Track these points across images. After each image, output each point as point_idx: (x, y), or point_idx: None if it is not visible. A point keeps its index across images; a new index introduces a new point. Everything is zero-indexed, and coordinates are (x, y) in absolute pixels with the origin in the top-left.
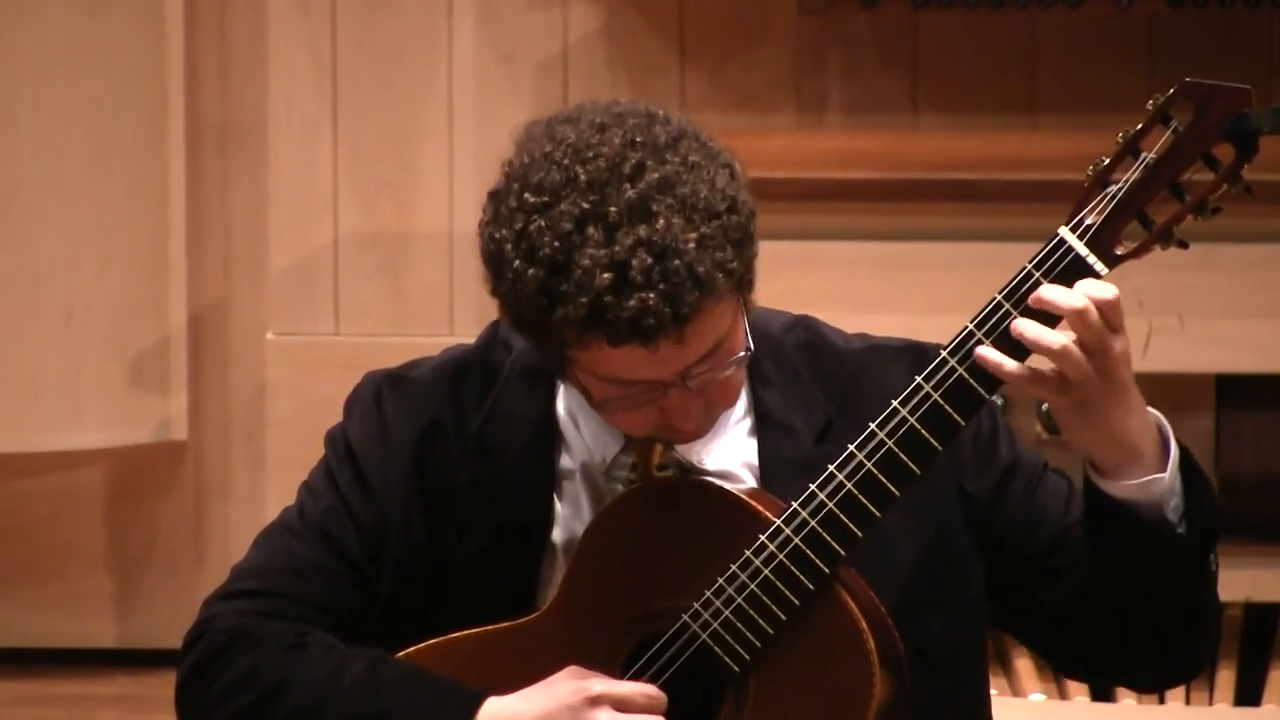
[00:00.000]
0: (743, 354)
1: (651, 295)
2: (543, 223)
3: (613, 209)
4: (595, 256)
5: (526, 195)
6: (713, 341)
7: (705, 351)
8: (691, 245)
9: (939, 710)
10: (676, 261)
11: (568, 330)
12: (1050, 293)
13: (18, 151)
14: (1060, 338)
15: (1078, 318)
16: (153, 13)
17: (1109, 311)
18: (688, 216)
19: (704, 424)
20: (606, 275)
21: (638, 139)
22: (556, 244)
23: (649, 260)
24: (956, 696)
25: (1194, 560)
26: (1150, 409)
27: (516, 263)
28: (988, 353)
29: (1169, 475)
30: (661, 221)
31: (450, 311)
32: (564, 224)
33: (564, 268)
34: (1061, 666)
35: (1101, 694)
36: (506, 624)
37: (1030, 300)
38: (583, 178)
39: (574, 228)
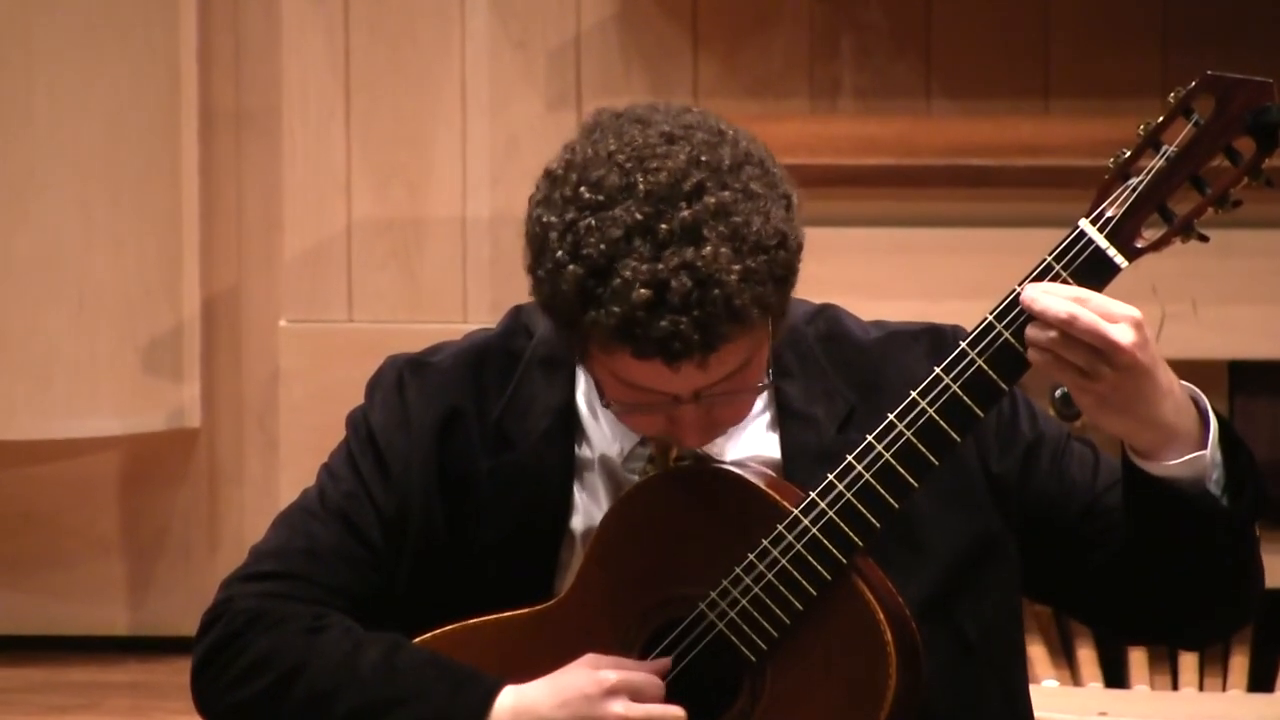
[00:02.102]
0: (761, 384)
1: (684, 319)
2: (593, 222)
3: (664, 226)
4: (637, 270)
5: (583, 190)
6: (735, 366)
7: (727, 373)
8: (734, 277)
9: (980, 694)
10: (716, 291)
11: (595, 331)
12: (1033, 332)
13: (32, 138)
14: (1068, 305)
15: (1071, 325)
16: None
17: (1094, 307)
18: (736, 247)
19: (707, 438)
20: (645, 291)
21: (703, 158)
22: (603, 247)
23: (689, 284)
24: (996, 679)
25: (1238, 531)
26: (1184, 383)
27: (559, 253)
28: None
29: (1210, 451)
30: (709, 248)
31: (464, 298)
32: (614, 230)
33: (605, 272)
34: (1103, 629)
35: (1114, 680)
36: (524, 610)
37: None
38: (642, 187)
39: (623, 235)
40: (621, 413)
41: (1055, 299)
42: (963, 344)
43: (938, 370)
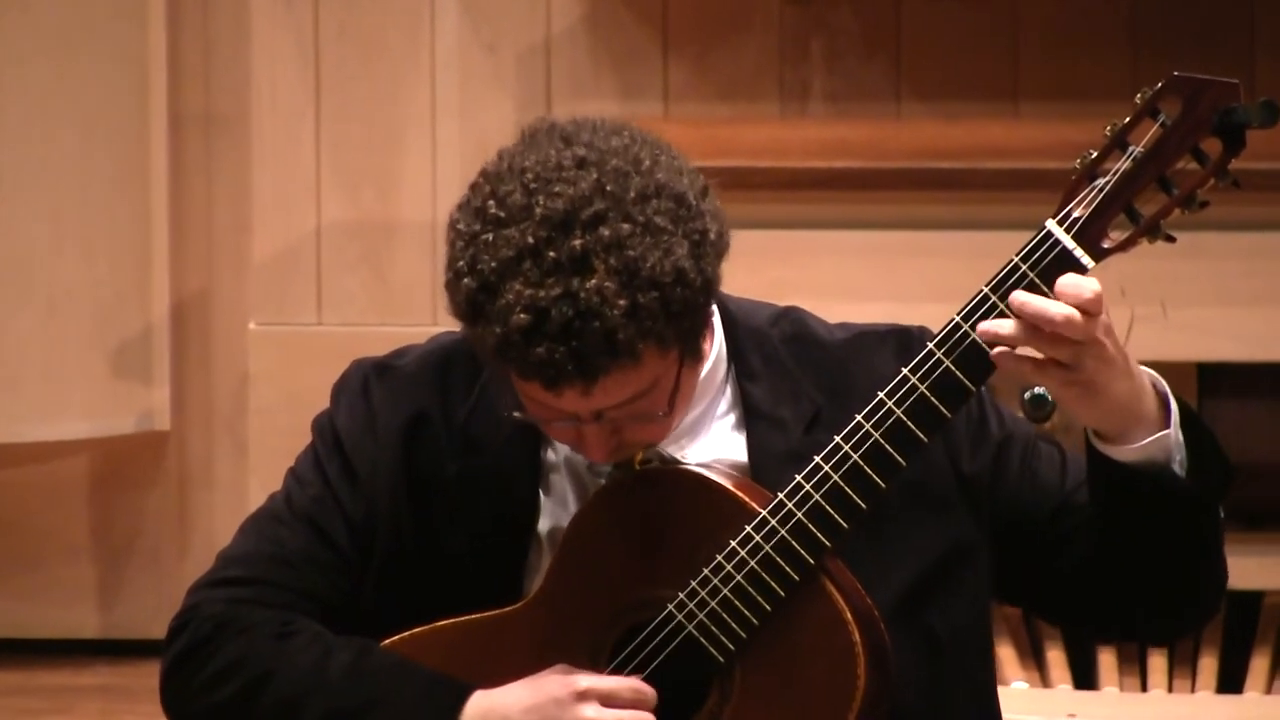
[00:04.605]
0: (660, 412)
1: (560, 349)
2: (491, 238)
3: (552, 253)
4: (520, 294)
5: (490, 204)
6: (629, 395)
7: (619, 401)
8: (617, 313)
9: (949, 694)
10: (596, 323)
11: (483, 347)
12: (1036, 304)
13: (1, 141)
14: (1063, 308)
15: (1066, 326)
16: (136, 2)
17: (1092, 308)
18: (625, 282)
19: (616, 454)
20: (524, 316)
21: (608, 187)
22: (494, 265)
23: (569, 314)
24: (965, 680)
25: (1206, 510)
26: (1143, 367)
27: (460, 263)
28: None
29: (1173, 431)
30: (594, 280)
31: (433, 301)
32: (506, 250)
33: (493, 290)
34: (1073, 627)
35: (1083, 681)
36: (492, 613)
37: (1012, 303)
38: (539, 212)
39: (514, 256)
40: (535, 420)
41: (1046, 300)
42: (930, 344)
43: (905, 371)
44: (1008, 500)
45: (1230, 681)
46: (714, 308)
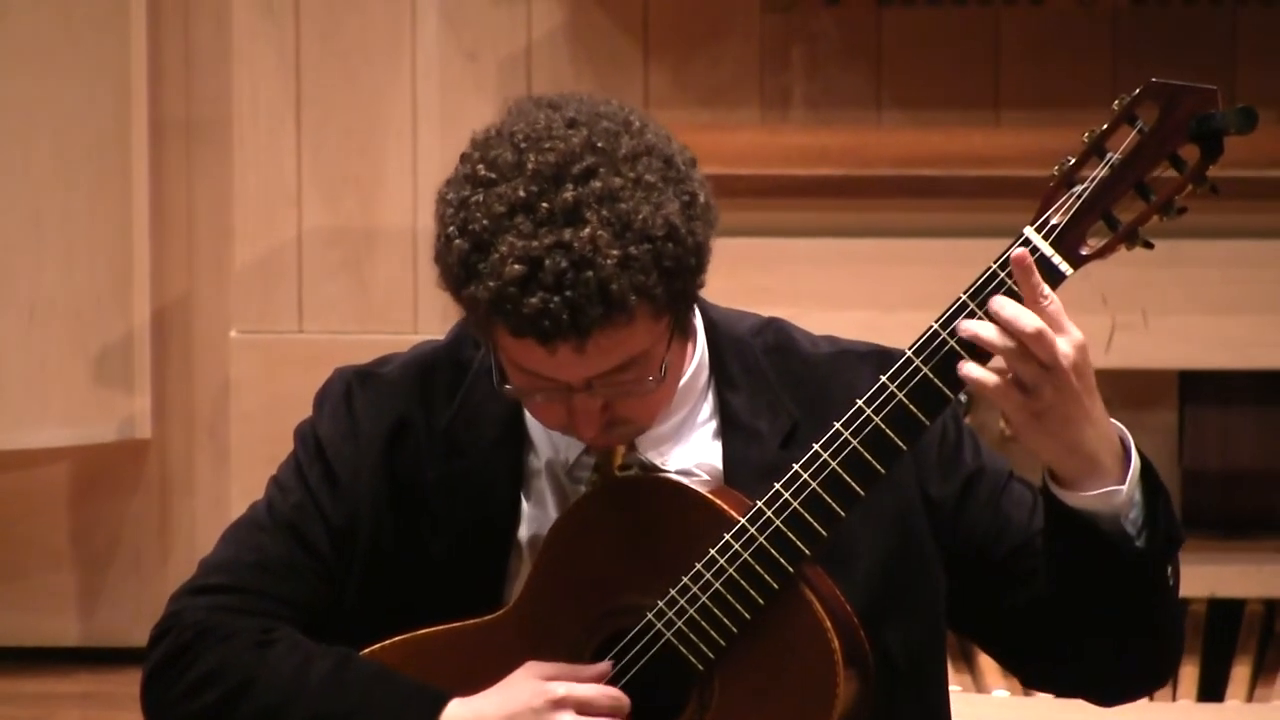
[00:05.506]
0: (650, 379)
1: (555, 299)
2: (481, 197)
3: (545, 205)
4: (514, 245)
5: (479, 167)
6: (622, 359)
7: (611, 367)
8: (610, 262)
9: (902, 714)
10: (590, 273)
11: (476, 308)
12: (1011, 310)
13: None
14: (1036, 321)
15: (1036, 339)
16: (117, 10)
17: (1050, 319)
18: (617, 232)
19: (608, 436)
20: (518, 267)
21: (599, 144)
22: (486, 222)
23: (563, 264)
24: (919, 700)
25: (1151, 572)
26: (1114, 421)
27: (451, 228)
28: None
29: (1127, 488)
30: (587, 230)
31: (414, 308)
32: (498, 206)
33: (486, 247)
34: (1021, 676)
35: None
36: (472, 621)
37: (991, 305)
38: (530, 166)
39: (506, 211)
40: (521, 398)
41: (1023, 309)
42: (908, 352)
43: (884, 379)
44: (968, 531)
45: (1211, 690)
46: (697, 309)
